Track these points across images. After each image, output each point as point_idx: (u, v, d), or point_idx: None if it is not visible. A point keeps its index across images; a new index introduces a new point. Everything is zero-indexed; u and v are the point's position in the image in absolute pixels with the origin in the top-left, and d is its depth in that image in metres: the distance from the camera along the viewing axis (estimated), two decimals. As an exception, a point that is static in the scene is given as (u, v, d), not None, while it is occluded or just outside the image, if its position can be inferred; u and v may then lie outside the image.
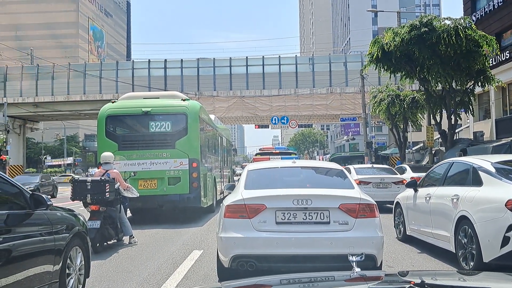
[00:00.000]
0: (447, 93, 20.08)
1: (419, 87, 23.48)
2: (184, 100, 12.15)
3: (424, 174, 13.68)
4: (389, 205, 12.02)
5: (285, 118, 36.96)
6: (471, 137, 26.76)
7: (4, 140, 36.80)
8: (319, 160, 62.30)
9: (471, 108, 21.14)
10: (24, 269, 3.76)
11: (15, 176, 32.72)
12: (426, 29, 17.72)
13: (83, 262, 4.96)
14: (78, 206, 8.85)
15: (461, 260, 5.94)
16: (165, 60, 40.68)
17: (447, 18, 18.78)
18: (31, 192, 4.21)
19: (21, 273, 3.70)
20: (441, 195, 6.74)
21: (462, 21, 18.05)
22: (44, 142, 67.01)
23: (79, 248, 4.88)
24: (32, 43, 77.28)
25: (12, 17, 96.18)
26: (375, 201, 5.24)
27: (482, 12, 25.34)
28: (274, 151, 21.00)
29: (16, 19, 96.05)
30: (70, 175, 35.27)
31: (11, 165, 37.35)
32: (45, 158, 61.28)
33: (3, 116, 34.84)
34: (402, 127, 30.99)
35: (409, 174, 15.23)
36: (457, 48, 17.23)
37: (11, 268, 3.59)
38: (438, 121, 22.50)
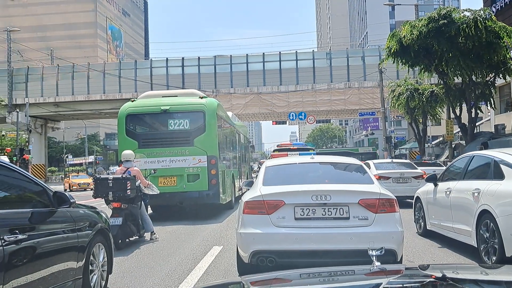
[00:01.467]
0: (467, 86, 19.77)
1: (438, 80, 23.17)
2: (201, 97, 12.24)
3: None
4: (409, 200, 11.92)
5: (303, 113, 36.84)
6: (492, 130, 26.29)
7: (26, 139, 37.53)
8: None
9: (492, 101, 20.77)
10: (48, 266, 3.82)
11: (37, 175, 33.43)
12: (445, 21, 17.47)
13: (106, 258, 5.04)
14: (100, 204, 9.01)
15: (483, 254, 5.87)
16: (183, 58, 40.92)
17: (466, 10, 18.49)
18: (54, 190, 4.30)
19: (45, 269, 3.76)
20: (462, 189, 6.67)
21: (481, 12, 17.74)
22: (66, 141, 68.06)
23: (102, 245, 4.97)
24: (52, 43, 78.55)
25: (32, 19, 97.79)
26: (395, 196, 5.22)
27: (502, 3, 24.79)
28: (292, 147, 20.99)
29: (36, 21, 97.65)
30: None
31: (33, 164, 38.11)
32: (67, 157, 62.26)
33: (25, 116, 35.51)
34: (421, 121, 30.62)
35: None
36: (476, 40, 16.95)
37: (36, 265, 3.65)
38: (458, 114, 22.17)
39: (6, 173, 3.88)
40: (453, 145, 27.94)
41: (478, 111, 21.54)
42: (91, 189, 8.21)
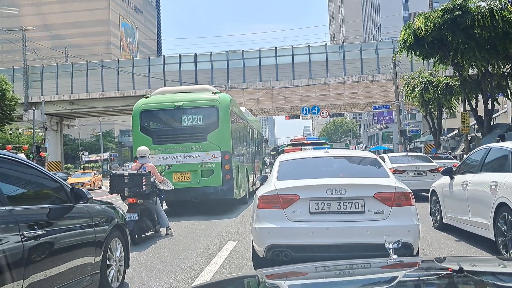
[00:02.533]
0: (483, 77, 19.50)
1: (453, 72, 22.88)
2: (214, 93, 12.27)
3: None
4: (424, 194, 11.83)
5: (316, 108, 36.65)
6: (509, 122, 25.91)
7: (43, 137, 38.03)
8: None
9: (508, 92, 20.46)
10: (66, 261, 3.87)
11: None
12: (460, 12, 17.22)
13: (123, 253, 5.10)
14: (116, 199, 9.10)
15: (501, 247, 5.80)
16: (195, 54, 41.00)
17: (481, 0, 18.18)
18: (71, 187, 4.36)
19: (64, 264, 3.81)
20: (479, 182, 6.59)
21: (497, 2, 17.43)
22: (81, 139, 68.87)
23: (119, 240, 5.03)
24: (66, 42, 79.37)
25: (47, 18, 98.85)
26: (411, 190, 5.18)
27: (519, -9, 24.34)
28: (305, 142, 20.87)
29: (50, 19, 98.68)
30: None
31: (49, 162, 38.63)
32: (82, 154, 63.01)
33: (41, 114, 35.96)
34: (436, 114, 30.31)
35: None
36: (492, 31, 16.69)
37: (55, 260, 3.70)
38: (474, 106, 21.90)
39: (24, 170, 3.95)
40: (469, 138, 27.60)
41: (495, 103, 21.24)
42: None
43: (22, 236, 3.26)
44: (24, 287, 3.22)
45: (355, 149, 65.37)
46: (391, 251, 2.09)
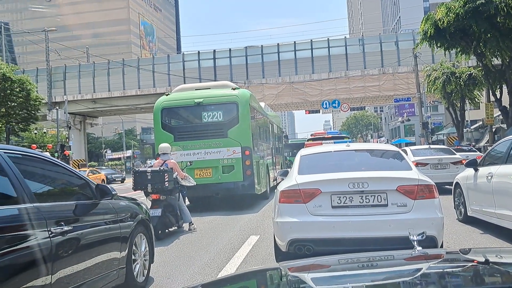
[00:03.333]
0: (507, 67, 19.05)
1: (476, 62, 22.43)
2: (234, 89, 12.30)
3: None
4: (448, 186, 11.65)
5: (336, 101, 36.39)
6: (536, 112, 25.24)
7: (67, 136, 38.74)
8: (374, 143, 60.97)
9: (535, 82, 19.93)
10: (93, 256, 3.94)
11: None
12: (483, 1, 16.83)
13: (148, 248, 5.17)
14: (140, 196, 9.23)
15: (528, 240, 5.69)
16: (214, 51, 41.14)
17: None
18: (96, 183, 4.44)
19: (90, 260, 3.88)
20: (504, 173, 6.46)
21: (522, -11, 16.96)
22: (104, 137, 69.95)
23: (143, 235, 5.10)
24: (87, 41, 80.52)
25: (68, 18, 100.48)
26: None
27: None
28: (326, 136, 20.77)
29: (72, 20, 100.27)
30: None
31: (74, 160, 39.34)
32: (106, 152, 63.99)
33: (65, 113, 36.63)
34: (459, 105, 29.77)
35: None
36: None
37: (82, 255, 3.77)
38: (498, 97, 21.43)
39: (51, 167, 4.04)
40: (493, 129, 27.06)
41: (520, 93, 20.72)
42: None
43: (49, 232, 3.33)
44: (52, 282, 3.28)
45: (377, 142, 64.67)
46: (415, 243, 2.07)
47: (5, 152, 3.40)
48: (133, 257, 4.74)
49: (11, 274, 2.98)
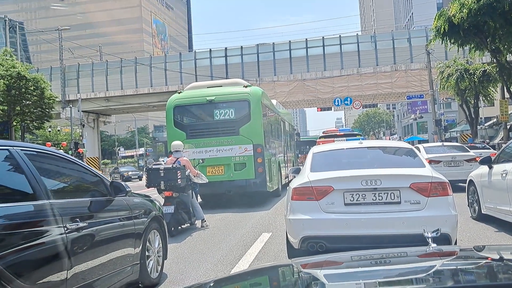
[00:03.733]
0: (523, 63, 18.78)
1: (491, 59, 22.11)
2: (246, 86, 12.31)
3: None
4: (461, 184, 11.55)
5: (348, 99, 36.16)
6: (552, 109, 24.89)
7: (80, 134, 39.10)
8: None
9: (550, 78, 19.64)
10: (108, 252, 3.99)
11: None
12: (497, -4, 16.57)
13: (161, 244, 5.22)
14: (153, 193, 9.30)
15: (543, 238, 5.63)
16: (226, 49, 41.15)
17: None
18: (110, 180, 4.49)
19: (105, 256, 3.93)
20: (520, 171, 6.39)
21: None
22: (117, 135, 70.50)
23: (157, 232, 5.15)
24: (100, 40, 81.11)
25: (81, 17, 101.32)
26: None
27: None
28: (338, 133, 20.67)
29: (85, 19, 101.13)
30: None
31: (87, 158, 39.73)
32: (119, 149, 64.51)
33: (78, 111, 36.97)
34: (473, 102, 29.44)
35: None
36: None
37: (97, 251, 3.82)
38: (514, 93, 21.11)
39: (66, 165, 4.09)
40: (508, 126, 26.70)
41: (536, 89, 20.44)
42: None
43: (65, 228, 3.37)
44: (68, 277, 3.33)
45: (389, 139, 64.15)
46: (429, 240, 2.07)
47: (21, 150, 3.46)
48: (147, 253, 4.78)
49: (29, 269, 3.03)
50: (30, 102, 30.56)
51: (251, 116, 11.77)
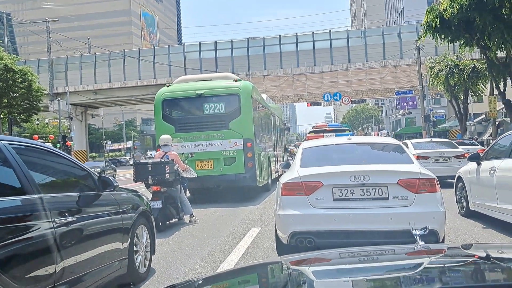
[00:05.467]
0: (511, 60, 18.94)
1: (480, 55, 22.28)
2: (236, 81, 12.27)
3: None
4: (450, 180, 11.65)
5: (338, 94, 36.30)
6: (539, 105, 25.16)
7: (68, 127, 38.77)
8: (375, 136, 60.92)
9: (538, 75, 19.84)
10: (96, 247, 3.97)
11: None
12: (487, -8, 16.67)
13: (149, 240, 5.20)
14: (140, 187, 9.24)
15: (529, 234, 5.69)
16: (215, 42, 40.99)
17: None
18: (98, 175, 4.45)
19: (93, 250, 3.92)
20: (508, 167, 6.45)
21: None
22: (105, 128, 70.02)
23: (145, 227, 5.12)
24: (89, 32, 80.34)
25: (70, 9, 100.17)
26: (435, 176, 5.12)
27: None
28: (327, 129, 20.75)
29: (73, 11, 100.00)
30: None
31: (75, 151, 39.41)
32: (106, 143, 64.10)
33: (66, 104, 36.62)
34: (462, 98, 29.67)
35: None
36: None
37: (85, 246, 3.81)
38: (502, 90, 21.34)
39: (54, 159, 4.05)
40: (496, 123, 27.00)
41: (523, 86, 20.66)
42: None
43: (53, 223, 3.36)
44: (56, 271, 3.32)
45: (378, 135, 64.56)
46: (417, 237, 2.07)
47: (9, 144, 3.42)
48: (134, 248, 4.77)
49: (17, 263, 3.02)
50: (17, 95, 30.18)
51: (241, 111, 11.73)
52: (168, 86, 12.65)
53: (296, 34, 39.89)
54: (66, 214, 3.55)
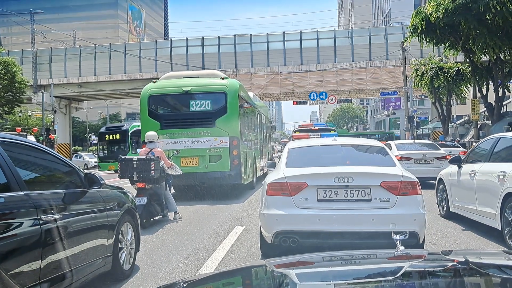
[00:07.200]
0: (494, 64, 19.31)
1: (464, 58, 22.64)
2: (223, 78, 12.27)
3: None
4: (431, 181, 11.84)
5: (324, 93, 36.52)
6: (520, 110, 25.68)
7: (52, 119, 38.28)
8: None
9: (520, 80, 20.25)
10: (81, 244, 3.99)
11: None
12: (472, -3, 16.95)
13: (134, 237, 5.22)
14: (124, 183, 9.21)
15: (507, 238, 5.84)
16: (202, 38, 40.81)
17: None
18: (85, 172, 4.44)
19: (78, 247, 3.94)
20: (487, 171, 6.60)
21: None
22: (89, 121, 69.22)
23: (130, 224, 5.14)
24: (74, 24, 79.19)
25: (55, 0, 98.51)
26: (417, 177, 5.22)
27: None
28: (313, 128, 20.90)
29: (59, 2, 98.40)
30: None
31: (58, 144, 38.94)
32: (90, 136, 63.35)
33: (50, 96, 36.14)
34: (445, 100, 30.09)
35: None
36: (507, 16, 16.39)
37: (70, 242, 3.81)
38: (484, 93, 21.73)
39: (40, 155, 4.04)
40: (478, 125, 27.43)
41: (506, 90, 21.05)
42: None
43: (39, 220, 3.37)
44: (41, 267, 3.33)
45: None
46: (398, 242, 2.14)
47: (-5, 139, 3.40)
48: (119, 246, 4.79)
49: (2, 259, 3.01)
50: (0, 86, 29.68)
51: (227, 109, 11.74)
52: (154, 82, 12.60)
53: (284, 32, 39.96)
54: (52, 211, 3.56)
